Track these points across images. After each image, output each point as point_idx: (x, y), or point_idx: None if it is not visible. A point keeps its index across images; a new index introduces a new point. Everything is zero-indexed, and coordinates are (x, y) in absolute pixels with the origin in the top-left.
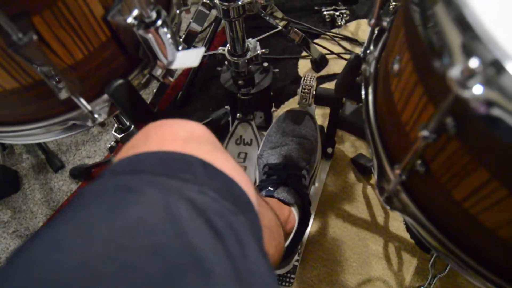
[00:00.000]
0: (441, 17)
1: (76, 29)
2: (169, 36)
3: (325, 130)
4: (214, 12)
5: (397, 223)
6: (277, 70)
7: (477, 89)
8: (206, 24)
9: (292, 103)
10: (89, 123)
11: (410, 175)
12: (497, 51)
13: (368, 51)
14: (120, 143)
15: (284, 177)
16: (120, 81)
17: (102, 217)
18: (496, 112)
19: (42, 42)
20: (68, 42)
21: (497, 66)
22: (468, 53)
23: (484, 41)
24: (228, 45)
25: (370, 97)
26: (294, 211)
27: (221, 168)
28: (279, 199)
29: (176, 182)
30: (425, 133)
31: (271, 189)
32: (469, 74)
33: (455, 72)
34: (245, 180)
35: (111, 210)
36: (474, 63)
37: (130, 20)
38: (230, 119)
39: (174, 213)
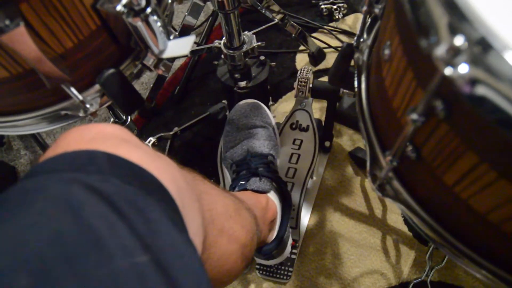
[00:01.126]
0: None
1: (65, 17)
2: (159, 24)
3: (323, 124)
4: (211, 5)
5: (395, 216)
6: (273, 63)
7: (463, 68)
8: (203, 19)
9: (289, 97)
10: (81, 113)
11: (401, 161)
12: (483, 29)
13: (361, 40)
14: None
15: (253, 169)
16: (111, 71)
17: (5, 218)
18: (482, 90)
19: (30, 29)
20: (57, 30)
21: (484, 44)
22: (454, 31)
23: (470, 19)
24: (224, 38)
25: (363, 85)
26: (272, 197)
27: (128, 157)
28: (252, 190)
29: (79, 174)
30: (414, 116)
31: (243, 182)
32: (455, 52)
33: (440, 51)
34: (157, 167)
35: (14, 210)
36: (459, 40)
37: (119, 7)
38: (227, 113)
39: (74, 202)
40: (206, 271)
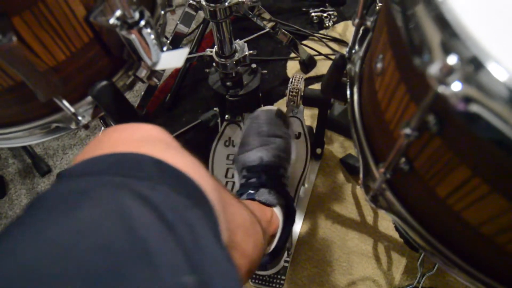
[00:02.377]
0: (421, 16)
1: (57, 30)
2: (153, 36)
3: (314, 131)
4: (202, 13)
5: (386, 223)
6: (265, 71)
7: (456, 86)
8: (194, 26)
9: (281, 104)
10: (73, 126)
11: (394, 173)
12: (475, 48)
13: (353, 51)
14: None
15: (263, 179)
16: (104, 83)
17: (52, 220)
18: (474, 108)
19: (23, 43)
20: (49, 43)
21: (476, 63)
22: (447, 50)
23: (462, 38)
24: (215, 46)
25: (355, 97)
26: (277, 211)
27: (174, 164)
28: (260, 201)
29: (128, 180)
30: (407, 130)
31: (252, 192)
32: (448, 71)
33: (434, 69)
34: (201, 175)
35: (61, 213)
36: (452, 60)
37: (112, 20)
38: (219, 121)
39: (125, 210)
40: None
